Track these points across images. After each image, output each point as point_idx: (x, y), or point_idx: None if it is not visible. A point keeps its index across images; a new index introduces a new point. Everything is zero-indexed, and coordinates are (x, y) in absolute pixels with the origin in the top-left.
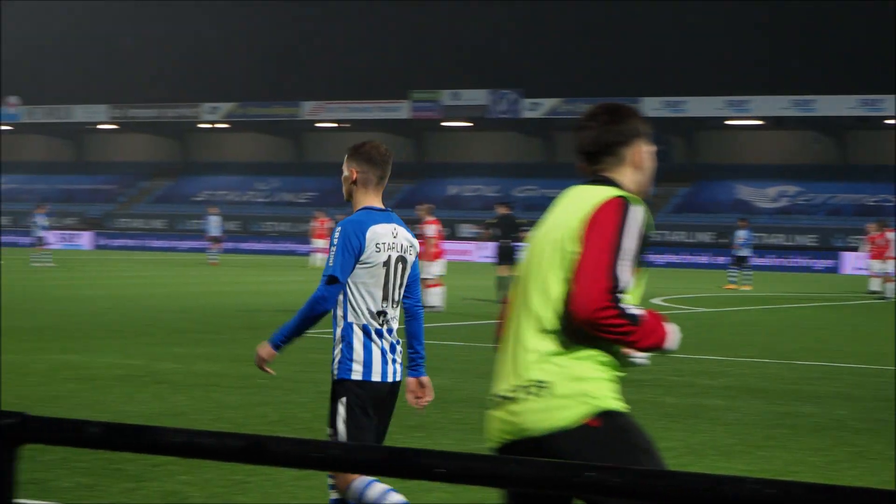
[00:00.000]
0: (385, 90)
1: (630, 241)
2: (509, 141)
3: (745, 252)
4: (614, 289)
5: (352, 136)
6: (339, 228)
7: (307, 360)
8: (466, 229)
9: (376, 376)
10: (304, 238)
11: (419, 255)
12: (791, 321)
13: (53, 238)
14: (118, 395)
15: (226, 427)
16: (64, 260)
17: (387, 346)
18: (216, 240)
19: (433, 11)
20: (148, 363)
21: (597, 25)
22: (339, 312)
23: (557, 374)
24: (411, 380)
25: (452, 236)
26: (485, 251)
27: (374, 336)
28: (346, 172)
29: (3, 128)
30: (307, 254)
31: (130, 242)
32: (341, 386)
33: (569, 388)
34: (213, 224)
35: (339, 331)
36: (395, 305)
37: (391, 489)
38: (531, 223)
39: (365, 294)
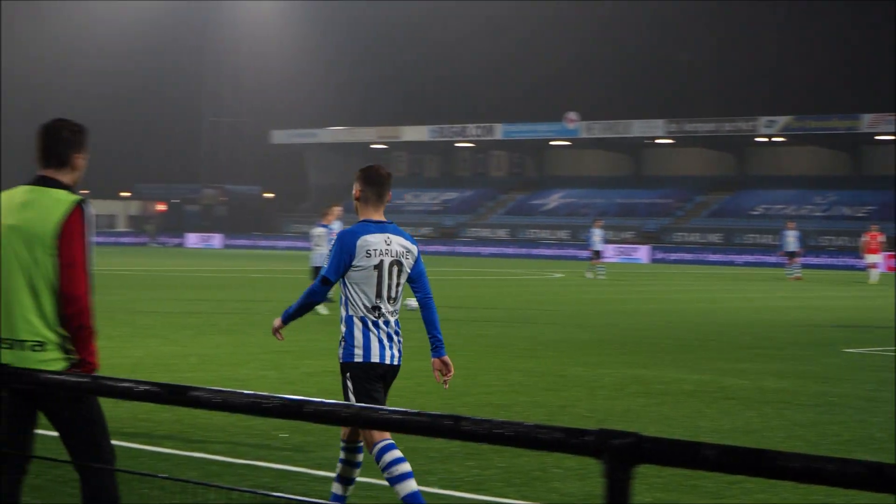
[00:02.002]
0: None
1: None
2: None
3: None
4: None
5: None
6: (337, 238)
7: (882, 379)
8: None
9: (375, 358)
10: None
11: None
12: None
13: (612, 251)
14: (688, 410)
15: (799, 446)
16: (621, 273)
17: (384, 335)
18: (793, 255)
19: None
20: (715, 378)
21: None
22: (342, 307)
23: None
24: (435, 360)
25: None
26: None
27: (370, 326)
28: (353, 191)
29: (563, 143)
30: (864, 269)
31: (687, 256)
32: (346, 367)
33: None
34: (790, 239)
35: (343, 322)
36: (391, 301)
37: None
38: None
39: (360, 292)
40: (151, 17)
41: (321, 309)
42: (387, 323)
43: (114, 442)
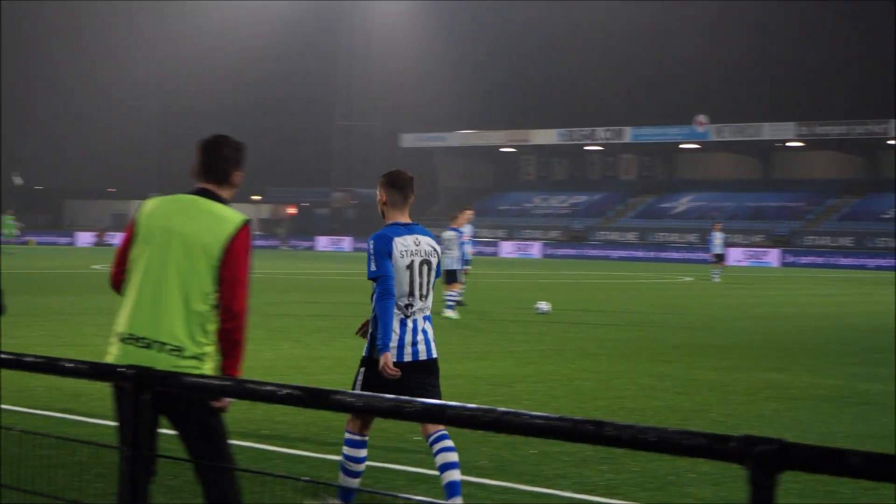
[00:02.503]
0: None
1: None
2: None
3: None
4: None
5: None
6: (371, 241)
7: None
8: None
9: (407, 357)
10: None
11: None
12: None
13: (741, 255)
14: (822, 415)
15: None
16: (751, 278)
17: (414, 332)
18: None
19: None
20: (850, 383)
21: None
22: (372, 304)
23: None
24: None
25: None
26: None
27: (401, 323)
28: (378, 197)
29: (692, 146)
30: None
31: (818, 260)
32: (364, 361)
33: None
34: None
35: (372, 318)
36: (423, 298)
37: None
38: None
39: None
40: (283, 21)
41: (452, 313)
42: (415, 321)
43: (249, 444)
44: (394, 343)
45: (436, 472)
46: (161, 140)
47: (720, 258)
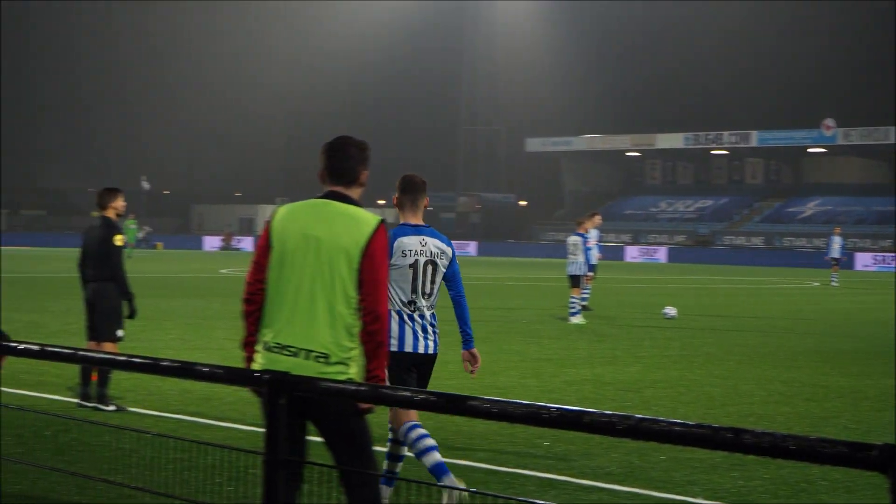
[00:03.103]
0: None
1: None
2: None
3: None
4: None
5: None
6: None
7: None
8: None
9: (408, 348)
10: None
11: None
12: None
13: (870, 260)
14: None
15: None
16: (881, 283)
17: (418, 327)
18: None
19: None
20: None
21: None
22: None
23: None
24: (465, 352)
25: None
26: None
27: (406, 319)
28: (393, 198)
29: (819, 150)
30: None
31: None
32: None
33: None
34: None
35: None
36: (426, 297)
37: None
38: None
39: (397, 288)
40: (407, 24)
41: (577, 319)
42: (422, 316)
43: (380, 448)
44: (399, 336)
45: (567, 478)
46: (287, 144)
47: (837, 262)
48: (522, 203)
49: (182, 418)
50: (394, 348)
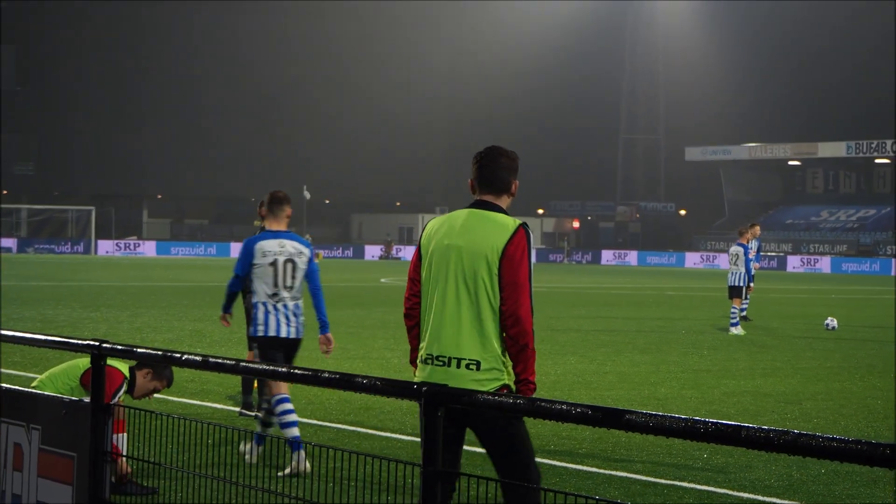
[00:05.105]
0: None
1: None
2: None
3: None
4: None
5: None
6: (242, 245)
7: None
8: None
9: (272, 332)
10: None
11: None
12: None
13: None
14: None
15: None
16: None
17: (281, 316)
18: None
19: None
20: None
21: None
22: (249, 295)
23: None
24: (321, 336)
25: None
26: None
27: (270, 308)
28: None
29: None
30: None
31: None
32: (253, 339)
33: None
34: None
35: (252, 307)
36: (288, 289)
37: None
38: None
39: (261, 283)
40: (565, 34)
41: (737, 330)
42: (285, 306)
43: (537, 459)
44: (265, 323)
45: (725, 490)
46: (446, 153)
47: None
48: (682, 212)
49: (341, 427)
50: (261, 333)
